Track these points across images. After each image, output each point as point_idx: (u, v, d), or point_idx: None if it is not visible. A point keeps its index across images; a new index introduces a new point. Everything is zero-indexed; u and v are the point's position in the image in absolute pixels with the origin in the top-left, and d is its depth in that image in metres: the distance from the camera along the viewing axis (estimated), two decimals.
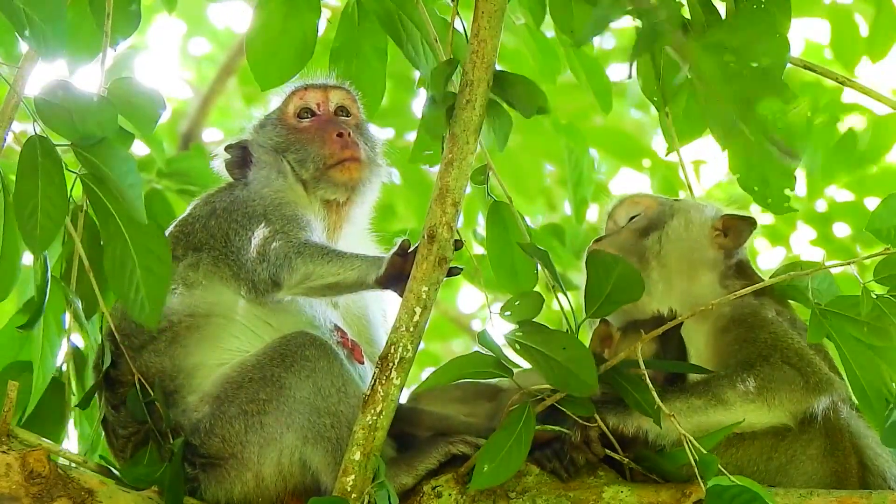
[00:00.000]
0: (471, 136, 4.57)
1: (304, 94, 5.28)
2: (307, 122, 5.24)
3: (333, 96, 5.29)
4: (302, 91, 5.29)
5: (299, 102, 5.28)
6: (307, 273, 4.79)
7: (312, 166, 5.14)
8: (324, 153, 5.15)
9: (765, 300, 4.84)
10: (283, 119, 5.27)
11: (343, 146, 5.15)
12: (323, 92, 5.29)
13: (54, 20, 4.57)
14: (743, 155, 5.21)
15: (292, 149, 5.18)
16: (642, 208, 5.08)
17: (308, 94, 5.28)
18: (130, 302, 4.60)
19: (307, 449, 4.68)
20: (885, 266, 4.59)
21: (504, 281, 5.29)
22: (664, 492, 4.58)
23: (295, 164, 5.16)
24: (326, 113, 5.26)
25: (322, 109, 5.27)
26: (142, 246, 4.61)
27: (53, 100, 4.62)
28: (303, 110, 5.27)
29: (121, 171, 4.57)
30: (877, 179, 9.22)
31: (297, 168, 5.15)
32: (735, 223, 4.98)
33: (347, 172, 5.14)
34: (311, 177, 5.15)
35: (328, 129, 5.19)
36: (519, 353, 4.58)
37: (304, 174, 5.15)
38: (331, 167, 5.14)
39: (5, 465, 4.44)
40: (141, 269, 4.60)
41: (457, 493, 4.68)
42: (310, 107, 5.27)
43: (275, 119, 5.28)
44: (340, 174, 5.14)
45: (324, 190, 5.14)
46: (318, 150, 5.16)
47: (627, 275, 4.56)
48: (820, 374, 4.65)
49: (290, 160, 5.16)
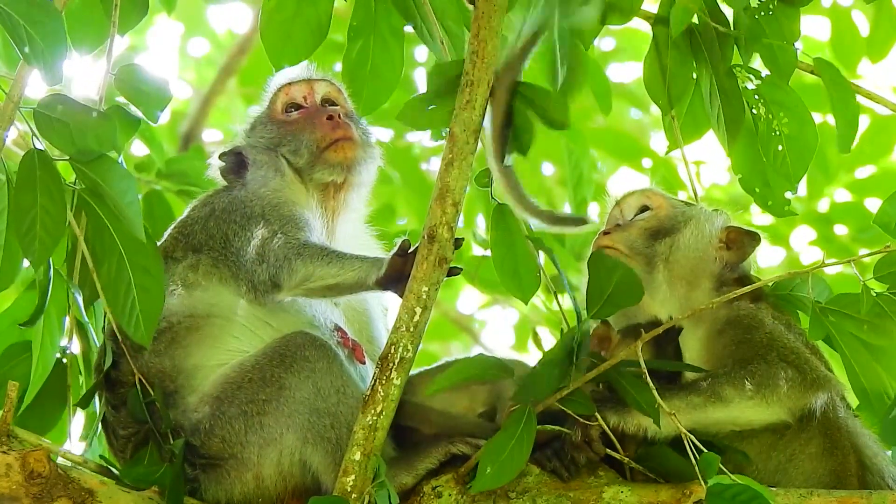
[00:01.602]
0: (471, 137, 4.57)
1: (289, 90, 5.29)
2: (295, 114, 5.25)
3: (318, 88, 5.30)
4: (286, 87, 5.30)
5: (285, 98, 5.28)
6: (307, 275, 4.79)
7: (307, 152, 5.15)
8: (316, 137, 5.16)
9: (761, 305, 4.84)
10: (271, 116, 5.27)
11: (334, 127, 5.17)
12: (307, 85, 5.30)
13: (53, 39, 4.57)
14: (746, 156, 5.23)
15: (284, 141, 5.19)
16: (654, 205, 5.06)
17: (293, 88, 5.29)
18: (125, 319, 4.63)
19: (307, 449, 4.68)
20: (884, 263, 4.59)
21: (507, 283, 5.30)
22: (664, 492, 4.58)
23: (289, 156, 5.16)
24: (313, 105, 5.27)
25: (309, 101, 5.28)
26: (137, 264, 4.64)
27: (52, 113, 4.63)
28: (290, 105, 5.27)
29: (120, 188, 4.59)
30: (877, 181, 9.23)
31: (292, 158, 5.16)
32: (740, 237, 4.97)
33: (342, 151, 5.15)
34: (306, 163, 5.15)
35: (318, 115, 5.21)
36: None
37: (299, 162, 5.15)
38: (324, 149, 5.15)
39: (5, 465, 4.44)
40: (136, 288, 4.63)
41: (457, 493, 4.68)
42: (296, 101, 5.28)
43: (264, 118, 5.29)
44: (335, 154, 5.15)
45: (320, 173, 5.15)
46: (310, 136, 5.17)
47: (628, 278, 4.56)
48: (817, 371, 4.65)
49: (284, 153, 5.17)
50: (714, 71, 5.08)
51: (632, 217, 5.06)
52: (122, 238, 4.63)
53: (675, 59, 5.11)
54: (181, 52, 11.76)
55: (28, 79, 4.73)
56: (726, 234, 4.98)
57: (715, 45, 5.05)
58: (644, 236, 4.98)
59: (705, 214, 5.04)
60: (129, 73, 4.90)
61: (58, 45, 4.58)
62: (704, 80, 5.11)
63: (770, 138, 5.18)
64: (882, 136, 9.07)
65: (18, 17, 4.55)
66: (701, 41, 5.06)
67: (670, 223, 5.00)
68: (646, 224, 5.01)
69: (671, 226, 4.99)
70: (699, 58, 5.11)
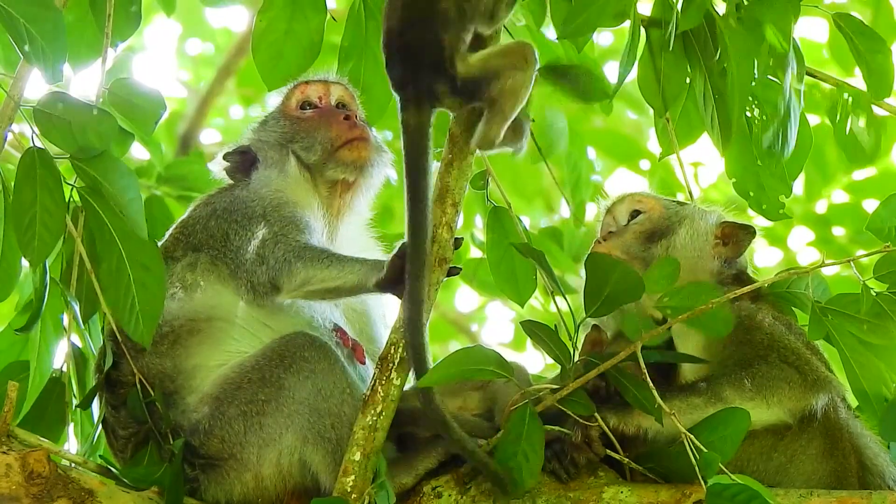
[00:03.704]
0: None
1: (306, 89, 5.29)
2: (310, 112, 5.26)
3: (334, 91, 5.30)
4: (303, 85, 5.30)
5: (301, 96, 5.29)
6: (307, 278, 4.79)
7: (320, 149, 5.15)
8: (331, 135, 5.16)
9: (761, 305, 4.84)
10: (285, 112, 5.27)
11: (351, 126, 5.17)
12: (324, 86, 5.30)
13: (54, 37, 4.57)
14: (740, 159, 5.23)
15: (298, 137, 5.19)
16: (645, 209, 5.06)
17: (310, 88, 5.29)
18: (125, 318, 4.63)
19: (307, 450, 4.68)
20: (884, 263, 4.60)
21: (504, 285, 5.30)
22: (664, 492, 4.58)
23: (301, 152, 5.16)
24: (328, 105, 5.27)
25: (324, 102, 5.28)
26: (137, 262, 4.63)
27: (52, 111, 4.63)
28: (305, 103, 5.28)
29: (121, 185, 4.58)
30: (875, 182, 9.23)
31: (304, 154, 5.15)
32: (735, 232, 4.97)
33: (356, 151, 5.15)
34: (318, 160, 5.15)
35: (334, 114, 5.21)
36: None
37: (311, 158, 5.15)
38: (339, 148, 5.15)
39: (5, 465, 4.44)
40: (136, 286, 4.62)
41: (457, 493, 4.68)
42: (311, 100, 5.28)
43: (276, 114, 5.28)
44: (349, 153, 5.15)
45: (332, 170, 5.15)
46: (325, 134, 5.17)
47: (626, 276, 4.56)
48: (818, 373, 4.65)
49: (295, 149, 5.16)
50: (708, 72, 5.09)
51: (625, 222, 5.06)
52: (121, 236, 4.63)
53: (669, 62, 5.11)
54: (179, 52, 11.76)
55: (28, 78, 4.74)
56: (721, 230, 4.99)
57: (709, 47, 5.05)
58: (640, 240, 4.98)
59: (699, 212, 5.04)
60: (123, 86, 4.88)
61: (58, 43, 4.58)
62: (698, 82, 5.11)
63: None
64: (880, 137, 9.05)
65: (18, 16, 4.55)
66: (694, 43, 5.06)
67: (665, 224, 5.00)
68: (640, 228, 5.01)
69: (666, 227, 4.99)
70: (693, 60, 5.11)
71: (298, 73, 5.31)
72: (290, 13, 5.31)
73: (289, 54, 5.31)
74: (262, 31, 5.32)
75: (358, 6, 5.44)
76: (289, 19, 5.31)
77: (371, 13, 5.43)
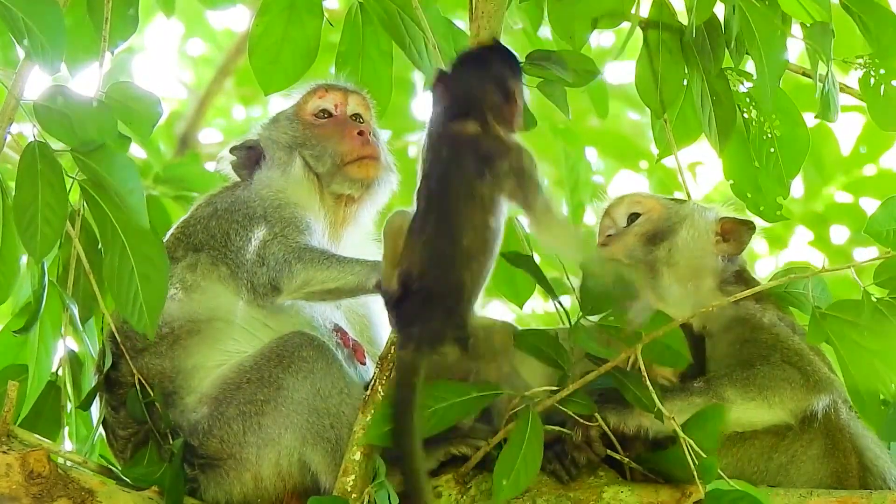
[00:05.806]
0: None
1: (325, 95, 5.29)
2: (324, 120, 5.26)
3: (352, 100, 5.30)
4: (322, 91, 5.29)
5: (318, 102, 5.28)
6: (307, 279, 4.79)
7: (330, 161, 5.15)
8: (342, 149, 5.16)
9: (766, 305, 4.84)
10: (299, 115, 5.27)
11: (363, 143, 5.17)
12: (343, 94, 5.30)
13: (53, 31, 4.56)
14: (737, 161, 5.23)
15: (308, 144, 5.19)
16: (644, 210, 5.06)
17: (329, 94, 5.29)
18: (129, 310, 4.61)
19: (306, 449, 4.68)
20: (884, 269, 4.60)
21: (502, 287, 5.30)
22: (664, 492, 4.58)
23: (310, 160, 5.16)
24: (343, 115, 5.27)
25: (339, 111, 5.28)
26: (140, 253, 4.62)
27: (53, 105, 4.62)
28: (321, 110, 5.27)
29: (121, 176, 4.57)
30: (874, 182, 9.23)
31: (313, 162, 5.16)
32: (735, 227, 4.98)
33: (365, 169, 5.16)
34: (327, 171, 5.15)
35: (348, 127, 5.21)
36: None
37: (319, 168, 5.15)
38: (349, 163, 5.15)
39: (5, 465, 4.44)
40: (140, 277, 4.61)
41: (457, 493, 4.68)
42: (328, 108, 5.27)
43: (290, 115, 5.28)
44: (358, 170, 5.15)
45: (339, 184, 5.15)
46: (336, 147, 5.17)
47: (622, 275, 4.56)
48: (820, 374, 4.65)
49: (304, 155, 5.17)
50: (705, 74, 5.09)
51: (624, 225, 5.06)
52: (124, 228, 4.61)
53: (667, 63, 5.12)
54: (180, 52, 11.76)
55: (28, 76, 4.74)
56: (721, 226, 4.98)
57: (706, 47, 5.06)
58: (641, 243, 4.97)
59: (698, 210, 5.04)
60: (120, 90, 4.89)
61: (57, 37, 4.57)
62: (696, 83, 5.11)
63: (762, 141, 5.19)
64: (879, 136, 9.07)
65: (17, 10, 4.55)
66: (692, 44, 5.07)
67: (665, 225, 5.00)
68: (641, 230, 5.00)
69: (667, 227, 4.99)
70: (690, 61, 5.11)
71: (295, 78, 5.31)
72: (287, 17, 5.31)
73: (285, 59, 5.31)
74: (259, 36, 5.32)
75: (354, 10, 5.44)
76: (285, 24, 5.31)
77: (368, 17, 5.43)
